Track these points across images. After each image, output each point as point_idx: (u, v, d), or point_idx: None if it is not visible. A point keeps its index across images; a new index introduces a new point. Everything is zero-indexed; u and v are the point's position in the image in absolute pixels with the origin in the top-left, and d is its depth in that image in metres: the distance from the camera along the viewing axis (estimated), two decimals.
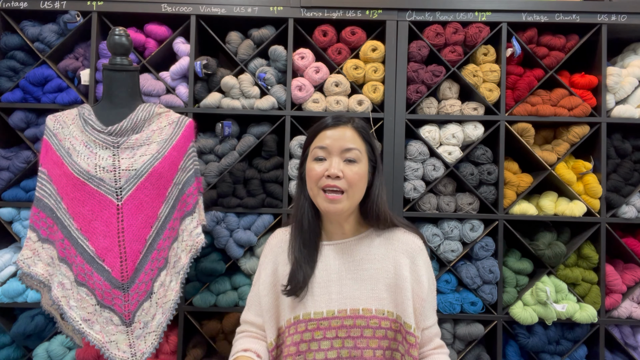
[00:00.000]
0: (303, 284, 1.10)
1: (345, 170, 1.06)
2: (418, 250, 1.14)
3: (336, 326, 1.09)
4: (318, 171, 1.07)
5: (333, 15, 1.85)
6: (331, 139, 1.08)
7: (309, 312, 1.10)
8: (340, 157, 1.08)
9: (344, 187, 1.06)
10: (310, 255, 1.14)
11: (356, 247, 1.15)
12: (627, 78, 1.86)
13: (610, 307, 1.85)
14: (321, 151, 1.09)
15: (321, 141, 1.09)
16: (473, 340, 1.86)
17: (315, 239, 1.16)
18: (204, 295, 1.83)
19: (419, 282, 1.10)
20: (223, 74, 1.89)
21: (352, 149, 1.08)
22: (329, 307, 1.10)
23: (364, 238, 1.16)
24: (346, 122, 1.11)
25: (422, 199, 1.87)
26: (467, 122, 1.87)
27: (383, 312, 1.09)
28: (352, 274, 1.13)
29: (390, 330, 1.09)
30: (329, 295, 1.11)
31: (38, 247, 1.40)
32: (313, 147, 1.11)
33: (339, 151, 1.08)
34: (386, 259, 1.13)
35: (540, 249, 1.82)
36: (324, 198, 1.07)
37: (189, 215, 1.53)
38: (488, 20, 1.85)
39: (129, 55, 1.48)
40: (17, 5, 1.83)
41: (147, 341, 1.43)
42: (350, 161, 1.08)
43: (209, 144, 1.88)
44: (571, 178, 1.85)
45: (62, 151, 1.40)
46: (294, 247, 1.15)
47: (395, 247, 1.14)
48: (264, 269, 1.19)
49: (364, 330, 1.08)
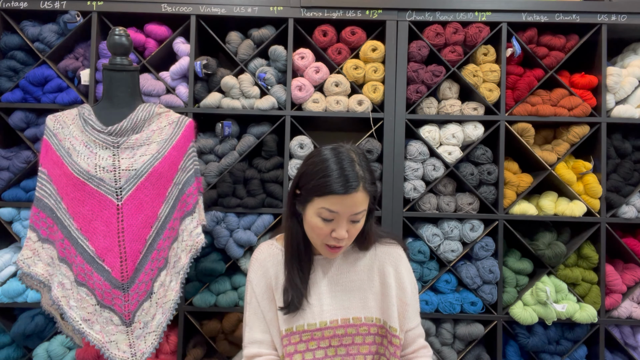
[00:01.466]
0: (299, 304, 1.13)
1: (350, 230, 1.08)
2: (399, 259, 1.20)
3: (329, 336, 1.14)
4: (325, 231, 1.07)
5: (333, 15, 1.85)
6: (342, 205, 1.03)
7: (302, 324, 1.13)
8: (348, 219, 1.06)
9: (345, 244, 1.10)
10: (304, 272, 1.16)
11: (344, 261, 1.20)
12: (627, 78, 1.86)
13: (610, 307, 1.85)
14: (329, 214, 1.05)
15: (331, 206, 1.04)
16: (473, 340, 1.86)
17: (308, 257, 1.17)
18: (204, 295, 1.83)
19: (402, 288, 1.16)
20: (223, 74, 1.89)
21: (361, 211, 1.06)
22: (322, 319, 1.14)
23: (349, 252, 1.21)
24: (356, 187, 1.03)
25: (422, 199, 1.87)
26: (467, 122, 1.87)
27: (372, 319, 1.15)
28: (341, 286, 1.18)
29: (378, 335, 1.16)
30: (321, 307, 1.15)
31: (38, 247, 1.40)
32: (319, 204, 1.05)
33: (348, 216, 1.05)
34: (372, 270, 1.19)
35: (540, 249, 1.82)
36: (326, 250, 1.11)
37: (189, 215, 1.53)
38: (488, 20, 1.85)
39: (129, 55, 1.48)
40: (17, 5, 1.83)
41: (147, 341, 1.43)
42: (356, 221, 1.08)
43: (209, 144, 1.88)
44: (571, 178, 1.85)
45: (62, 151, 1.40)
46: (290, 268, 1.15)
47: (379, 258, 1.20)
48: (257, 285, 1.18)
49: (354, 337, 1.14)
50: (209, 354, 1.90)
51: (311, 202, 1.07)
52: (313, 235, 1.11)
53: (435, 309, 1.83)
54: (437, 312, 1.83)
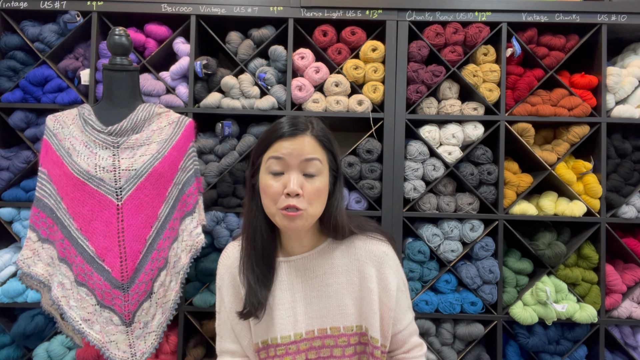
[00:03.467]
0: (259, 306, 1.02)
1: (305, 186, 0.96)
2: (383, 257, 1.06)
3: (305, 349, 1.04)
4: (276, 188, 0.96)
5: (333, 15, 1.85)
6: (288, 149, 0.95)
7: (276, 336, 1.04)
8: (299, 170, 0.96)
9: (303, 206, 0.95)
10: (264, 274, 1.04)
11: (317, 261, 1.07)
12: (627, 78, 1.86)
13: (610, 307, 1.85)
14: (277, 164, 0.96)
15: (277, 151, 0.96)
16: (473, 340, 1.86)
17: (270, 255, 1.05)
18: (204, 295, 1.83)
19: (386, 291, 1.04)
20: (223, 74, 1.89)
21: (312, 159, 0.96)
22: (296, 330, 1.04)
23: (324, 250, 1.08)
24: (304, 130, 0.97)
25: (422, 199, 1.87)
26: (467, 122, 1.87)
27: (351, 329, 1.05)
28: (317, 291, 1.06)
29: (359, 344, 1.06)
30: (295, 317, 1.05)
31: (38, 247, 1.40)
32: (267, 157, 0.98)
33: (298, 163, 0.96)
34: (351, 271, 1.06)
35: (540, 249, 1.82)
36: (283, 216, 0.96)
37: (189, 215, 1.53)
38: (488, 20, 1.85)
39: (129, 55, 1.48)
40: (17, 5, 1.83)
41: (147, 341, 1.43)
42: (311, 175, 0.97)
43: (209, 144, 1.88)
44: (571, 178, 1.85)
45: (62, 151, 1.40)
46: (246, 265, 1.04)
47: (358, 257, 1.06)
48: (226, 294, 1.09)
49: (333, 349, 1.04)
50: (209, 354, 1.90)
51: (261, 164, 1.00)
52: (267, 202, 0.98)
53: (435, 309, 1.83)
54: (437, 312, 1.83)
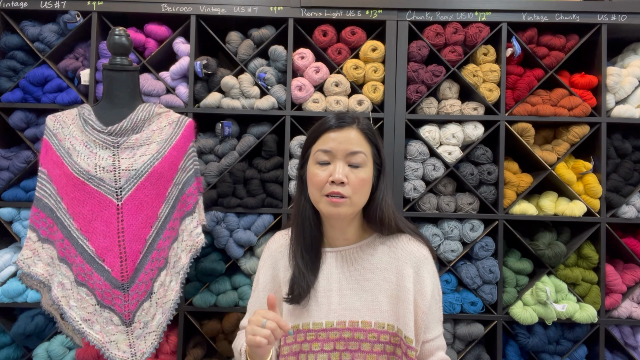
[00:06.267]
0: (306, 292, 1.06)
1: (350, 176, 1.01)
2: (423, 260, 1.08)
3: (334, 338, 1.05)
4: (322, 177, 1.02)
5: (333, 15, 1.85)
6: (335, 141, 1.03)
7: (308, 322, 1.07)
8: (344, 161, 1.03)
9: (347, 194, 1.01)
10: (312, 261, 1.09)
11: (358, 255, 1.11)
12: (627, 78, 1.86)
13: (610, 307, 1.85)
14: (324, 155, 1.03)
15: (324, 144, 1.04)
16: (473, 340, 1.86)
17: (317, 245, 1.11)
18: (204, 295, 1.83)
19: (422, 293, 1.05)
20: (223, 74, 1.89)
21: (358, 152, 1.03)
22: (328, 318, 1.06)
23: (367, 245, 1.11)
24: (351, 123, 1.05)
25: (422, 199, 1.87)
26: (467, 122, 1.87)
27: (383, 326, 1.05)
28: (354, 284, 1.08)
29: (390, 344, 1.05)
30: (329, 305, 1.07)
31: (38, 247, 1.40)
32: (315, 149, 1.05)
33: (344, 155, 1.02)
34: (389, 269, 1.08)
35: (540, 249, 1.82)
36: (327, 202, 1.02)
37: (189, 215, 1.53)
38: (488, 20, 1.85)
39: (129, 55, 1.48)
40: (17, 5, 1.83)
41: (147, 341, 1.43)
42: (355, 166, 1.03)
43: (209, 144, 1.88)
44: (571, 178, 1.85)
45: (62, 151, 1.40)
46: (295, 253, 1.10)
47: (398, 256, 1.08)
48: (263, 275, 1.16)
49: (361, 344, 1.05)
50: (209, 354, 1.90)
51: (310, 156, 1.07)
52: (313, 190, 1.05)
53: None
54: None
